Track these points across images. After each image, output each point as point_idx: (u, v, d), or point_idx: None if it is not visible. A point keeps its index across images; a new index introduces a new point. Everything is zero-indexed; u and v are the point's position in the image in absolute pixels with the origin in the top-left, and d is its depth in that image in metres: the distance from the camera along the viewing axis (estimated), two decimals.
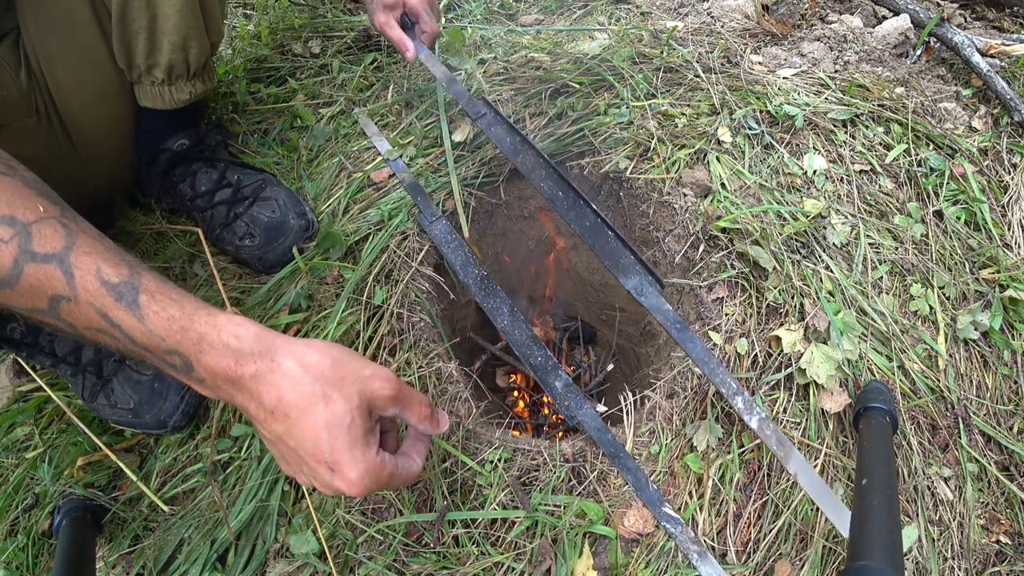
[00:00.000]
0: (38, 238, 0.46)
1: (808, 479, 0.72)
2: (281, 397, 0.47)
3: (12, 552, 0.78)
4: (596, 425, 0.83)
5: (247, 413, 0.50)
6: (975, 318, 0.94)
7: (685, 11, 1.42)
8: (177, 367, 0.48)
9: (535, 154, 0.94)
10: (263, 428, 0.50)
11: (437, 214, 0.99)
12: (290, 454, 0.50)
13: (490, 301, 0.93)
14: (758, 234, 0.95)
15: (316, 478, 0.50)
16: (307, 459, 0.48)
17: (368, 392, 0.50)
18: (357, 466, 0.48)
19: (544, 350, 0.90)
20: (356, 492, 0.49)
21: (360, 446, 0.49)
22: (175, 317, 0.47)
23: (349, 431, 0.48)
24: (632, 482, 0.79)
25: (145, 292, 0.47)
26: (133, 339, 0.47)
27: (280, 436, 0.49)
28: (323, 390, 0.47)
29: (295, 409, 0.47)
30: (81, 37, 0.79)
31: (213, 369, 0.47)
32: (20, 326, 0.82)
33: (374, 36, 1.29)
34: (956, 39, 1.28)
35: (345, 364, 0.49)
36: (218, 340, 0.47)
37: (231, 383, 0.47)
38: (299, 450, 0.48)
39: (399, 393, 0.53)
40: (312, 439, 0.47)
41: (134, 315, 0.46)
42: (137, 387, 0.82)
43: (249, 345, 0.47)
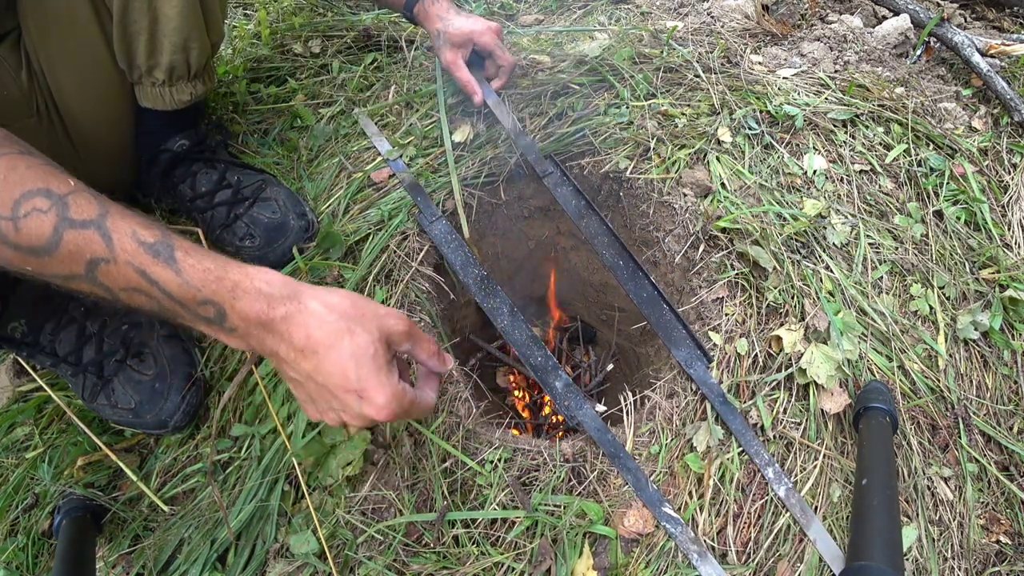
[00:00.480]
0: (74, 207, 0.48)
1: (825, 546, 0.76)
2: (310, 335, 0.51)
3: (12, 552, 0.79)
4: (596, 425, 0.83)
5: (276, 358, 0.53)
6: (975, 318, 0.94)
7: (685, 11, 1.42)
8: (210, 318, 0.51)
9: (599, 220, 0.98)
10: (292, 369, 0.53)
11: (437, 214, 0.99)
12: (318, 392, 0.54)
13: (490, 301, 0.93)
14: (758, 234, 0.95)
15: (346, 409, 0.53)
16: (336, 392, 0.52)
17: (386, 327, 0.54)
18: (384, 390, 0.52)
19: (544, 350, 0.90)
20: (384, 416, 0.53)
21: (384, 373, 0.53)
22: (210, 268, 0.50)
23: (374, 360, 0.52)
24: (632, 482, 0.79)
25: (180, 249, 0.50)
26: (170, 294, 0.50)
27: (309, 374, 0.52)
28: (347, 325, 0.52)
29: (323, 344, 0.51)
30: (82, 38, 0.79)
31: (247, 314, 0.50)
32: (21, 326, 0.83)
33: (374, 36, 1.29)
34: (956, 39, 1.28)
35: (363, 304, 0.54)
36: (251, 286, 0.51)
37: (263, 327, 0.51)
38: (328, 384, 0.52)
39: (411, 330, 0.58)
40: (340, 370, 0.51)
41: (171, 269, 0.49)
42: (138, 387, 0.82)
43: (279, 290, 0.52)
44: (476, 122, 1.10)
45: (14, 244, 0.48)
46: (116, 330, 0.85)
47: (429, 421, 0.83)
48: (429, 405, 0.61)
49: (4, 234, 0.47)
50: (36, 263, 0.49)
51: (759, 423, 0.83)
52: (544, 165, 1.03)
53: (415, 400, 0.57)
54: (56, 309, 0.84)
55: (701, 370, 0.86)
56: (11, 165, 0.48)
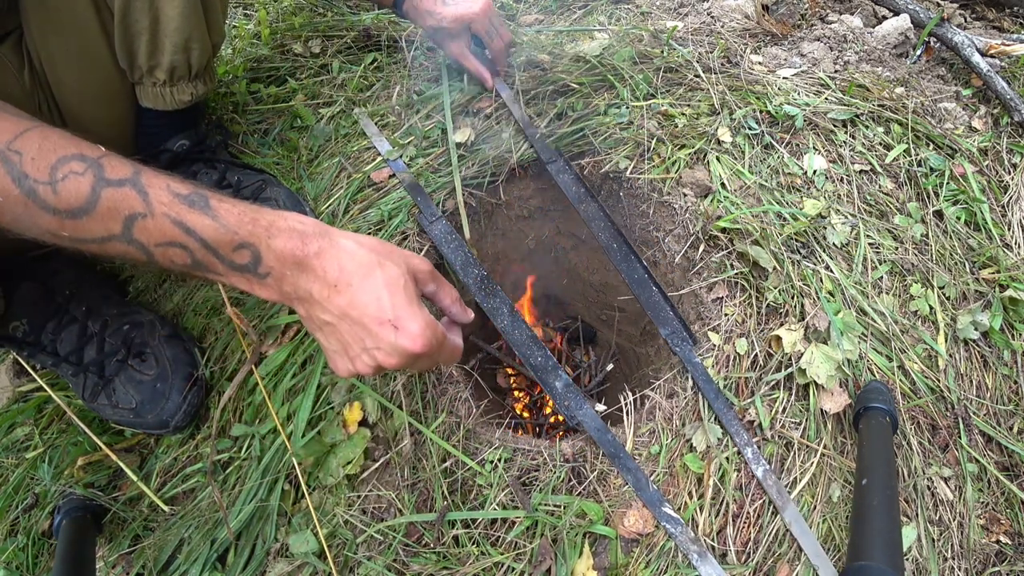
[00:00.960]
0: (109, 168, 0.49)
1: (800, 530, 0.77)
2: (343, 267, 0.53)
3: (12, 552, 0.79)
4: (596, 425, 0.83)
5: (308, 301, 0.54)
6: (975, 318, 0.94)
7: (685, 11, 1.42)
8: (245, 265, 0.52)
9: (597, 206, 1.02)
10: (325, 310, 0.54)
11: (437, 214, 0.99)
12: (351, 331, 0.54)
13: (490, 301, 0.93)
14: (758, 234, 0.95)
15: (380, 345, 0.53)
16: (371, 324, 0.53)
17: (412, 265, 0.57)
18: (417, 320, 0.53)
19: (544, 350, 0.90)
20: (420, 345, 0.53)
21: (417, 303, 0.55)
22: (245, 211, 0.52)
23: (405, 290, 0.54)
24: (632, 482, 0.79)
25: (214, 198, 0.52)
26: (206, 241, 0.50)
27: (344, 310, 0.53)
28: (377, 259, 0.54)
29: (356, 276, 0.53)
30: (83, 37, 0.79)
31: (282, 252, 0.52)
32: (23, 325, 0.83)
33: (374, 36, 1.29)
34: (956, 39, 1.28)
35: (389, 245, 0.57)
36: (285, 225, 0.53)
37: (297, 265, 0.52)
38: (363, 317, 0.53)
39: (435, 272, 0.60)
40: (375, 300, 0.52)
41: (208, 215, 0.50)
42: (139, 387, 0.82)
43: (311, 228, 0.54)
44: (477, 123, 1.10)
45: (53, 208, 0.48)
46: (117, 330, 0.85)
47: (429, 421, 0.83)
48: (457, 349, 0.62)
49: (43, 199, 0.48)
50: (74, 226, 0.49)
51: (758, 422, 0.83)
52: (549, 153, 1.07)
53: (444, 338, 0.57)
54: (58, 309, 0.85)
55: (686, 349, 0.89)
56: (43, 135, 0.49)
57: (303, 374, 0.84)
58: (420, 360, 0.56)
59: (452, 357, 0.61)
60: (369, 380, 0.84)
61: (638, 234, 1.11)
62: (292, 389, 0.83)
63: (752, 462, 0.80)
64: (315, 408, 0.81)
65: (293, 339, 0.87)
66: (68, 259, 0.91)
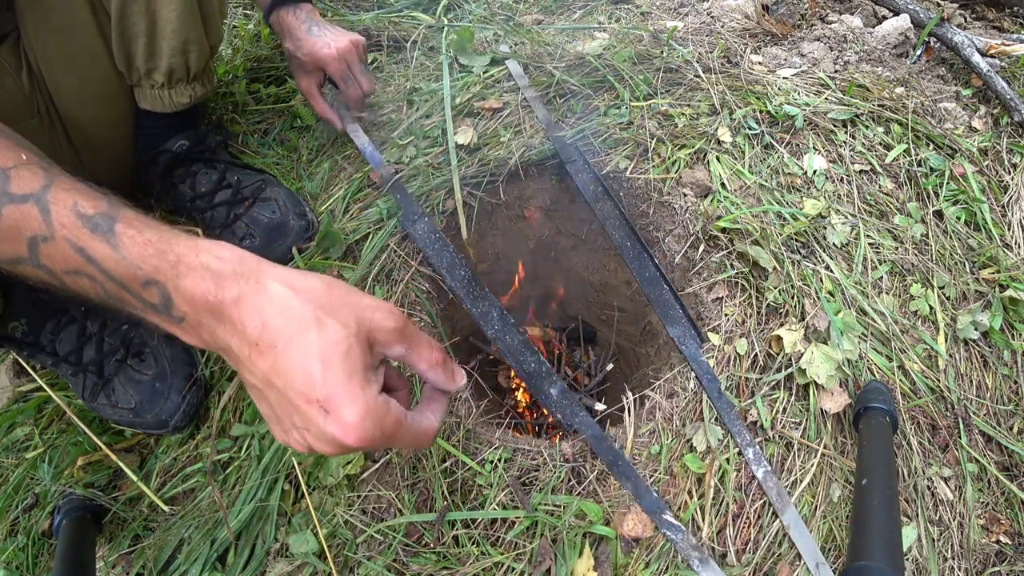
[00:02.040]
0: (16, 180, 0.43)
1: (799, 533, 0.76)
2: (266, 322, 0.40)
3: (12, 552, 0.79)
4: (594, 433, 0.83)
5: (229, 355, 0.43)
6: (975, 318, 0.94)
7: (685, 11, 1.42)
8: (157, 306, 0.43)
9: (612, 205, 1.02)
10: (248, 371, 0.43)
11: (419, 212, 0.97)
12: (279, 401, 0.42)
13: (479, 305, 0.92)
14: (758, 234, 0.95)
15: (309, 427, 0.42)
16: (297, 401, 0.41)
17: (368, 322, 0.43)
18: (356, 404, 0.40)
19: (537, 355, 0.89)
20: (355, 439, 0.41)
21: (359, 380, 0.41)
22: (151, 240, 0.42)
23: (346, 360, 0.40)
24: (632, 489, 0.78)
25: (122, 221, 0.43)
26: (109, 273, 0.42)
27: (267, 376, 0.41)
28: (315, 314, 0.41)
29: (282, 337, 0.40)
30: (81, 39, 0.79)
31: (192, 295, 0.41)
32: (22, 325, 0.83)
33: (374, 36, 1.29)
34: (956, 39, 1.28)
35: (343, 292, 0.43)
36: (197, 261, 0.41)
37: (211, 313, 0.41)
38: (288, 390, 0.41)
39: (405, 328, 0.45)
40: (302, 371, 0.40)
41: (109, 244, 0.42)
42: (138, 387, 0.82)
43: (231, 266, 0.42)
44: (479, 124, 1.10)
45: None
46: (116, 330, 0.85)
47: None
48: (424, 432, 0.48)
49: None
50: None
51: (759, 422, 0.83)
52: (569, 153, 1.07)
53: (402, 422, 0.44)
54: (57, 309, 0.84)
55: (693, 348, 0.89)
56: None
57: None
58: (366, 449, 0.43)
59: (417, 443, 0.47)
60: None
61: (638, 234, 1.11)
62: None
63: (753, 463, 0.80)
64: None
65: None
66: None
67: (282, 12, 0.96)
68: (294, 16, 0.95)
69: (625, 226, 1.01)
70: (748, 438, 0.82)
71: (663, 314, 0.93)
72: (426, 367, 0.48)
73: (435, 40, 1.25)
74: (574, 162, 1.07)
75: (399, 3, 1.40)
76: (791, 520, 0.77)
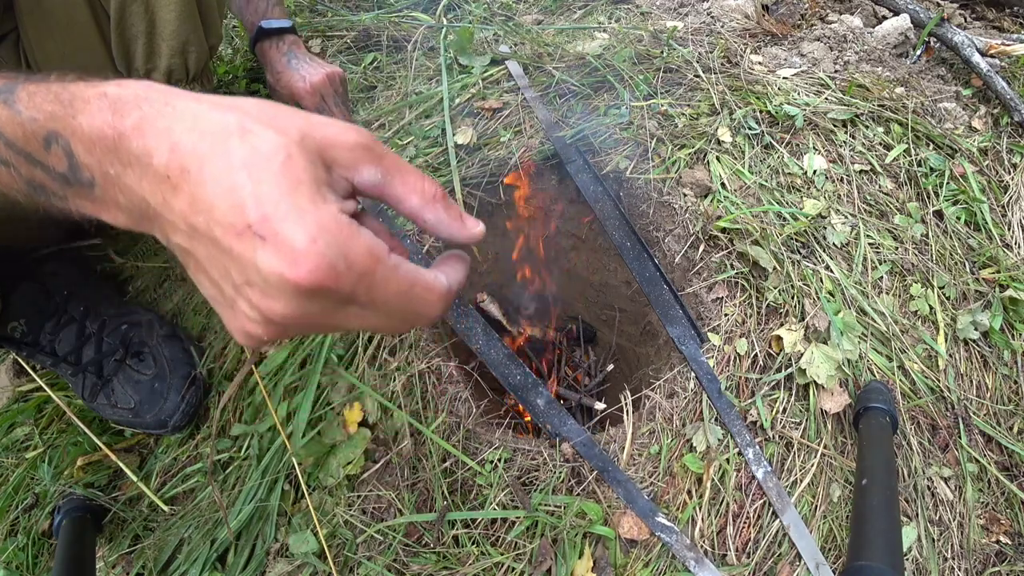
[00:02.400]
0: None
1: (798, 533, 0.77)
2: (175, 144, 0.30)
3: (12, 552, 0.79)
4: (582, 440, 0.83)
5: (146, 212, 0.32)
6: (975, 318, 0.94)
7: (685, 11, 1.42)
8: (66, 175, 0.34)
9: (613, 205, 1.03)
10: (171, 227, 0.32)
11: (401, 233, 0.98)
12: (209, 256, 0.31)
13: (463, 322, 0.92)
14: (758, 234, 0.95)
15: (248, 275, 0.30)
16: (226, 240, 0.29)
17: (318, 135, 0.32)
18: (303, 218, 0.28)
19: (523, 368, 0.89)
20: (307, 269, 0.28)
21: (308, 193, 0.29)
22: (50, 90, 0.34)
23: (285, 169, 0.29)
24: (623, 495, 0.78)
25: (27, 83, 0.35)
26: (10, 142, 0.35)
27: (187, 220, 0.30)
28: (239, 122, 0.30)
29: (195, 156, 0.29)
30: (80, 40, 0.79)
31: (89, 134, 0.32)
32: (21, 326, 0.83)
33: (374, 36, 1.29)
34: (956, 39, 1.28)
35: (283, 108, 0.33)
36: (93, 92, 0.32)
37: (113, 154, 0.31)
38: (213, 228, 0.29)
39: (374, 144, 0.34)
40: (224, 192, 0.29)
41: (7, 105, 0.34)
42: (138, 387, 0.82)
43: (133, 91, 0.32)
44: (479, 124, 1.10)
45: None
46: (115, 330, 0.85)
47: (429, 421, 0.83)
48: (427, 288, 0.33)
49: None
50: None
51: (759, 422, 0.83)
52: (569, 153, 1.08)
53: (382, 259, 0.31)
54: (56, 309, 0.85)
55: (693, 348, 0.89)
56: None
57: (302, 373, 0.84)
58: (328, 303, 0.30)
59: (414, 302, 0.33)
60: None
61: (638, 234, 1.11)
62: (292, 389, 0.83)
63: (753, 463, 0.80)
64: (315, 408, 0.81)
65: (293, 339, 0.87)
66: (67, 259, 0.91)
67: (265, 44, 0.95)
68: (276, 49, 0.94)
69: (625, 226, 1.01)
70: (748, 438, 0.82)
71: (663, 314, 0.93)
72: (418, 202, 0.35)
73: (435, 40, 1.25)
74: (574, 162, 1.07)
75: (399, 3, 1.40)
76: (791, 520, 0.77)
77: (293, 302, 0.29)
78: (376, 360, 0.87)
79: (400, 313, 0.33)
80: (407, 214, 0.35)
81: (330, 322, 0.32)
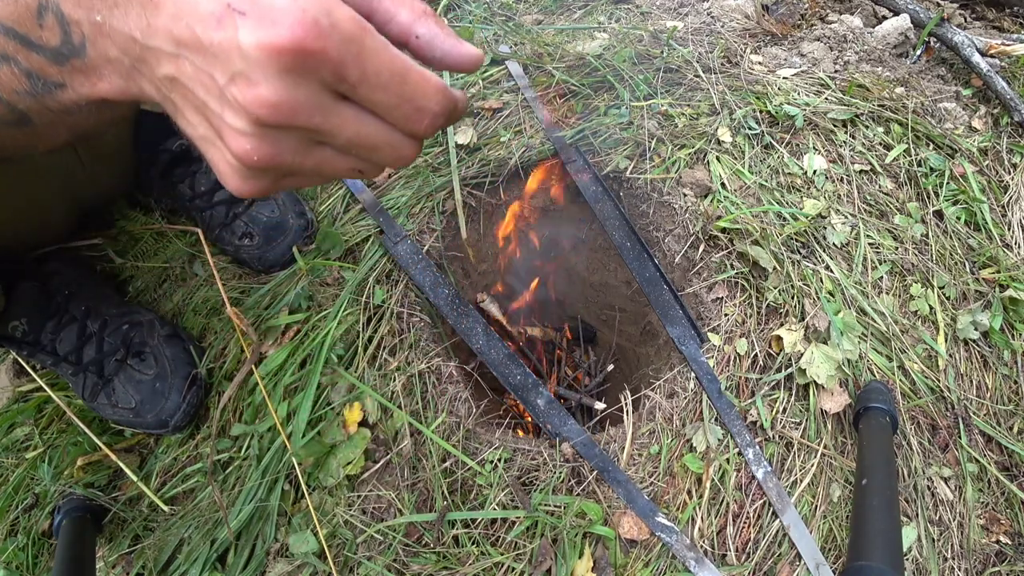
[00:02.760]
0: None
1: (798, 533, 0.77)
2: None
3: (12, 552, 0.79)
4: (583, 440, 0.83)
5: (135, 51, 0.32)
6: (975, 318, 0.94)
7: (685, 11, 1.42)
8: (61, 49, 0.34)
9: (613, 205, 1.04)
10: (158, 54, 0.31)
11: (401, 234, 0.98)
12: (194, 71, 0.30)
13: (464, 322, 0.92)
14: (758, 234, 0.95)
15: (231, 64, 0.28)
16: (208, 33, 0.28)
17: None
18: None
19: (523, 368, 0.89)
20: (288, 29, 0.27)
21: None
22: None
23: None
24: (623, 495, 0.79)
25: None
26: (6, 26, 0.34)
27: (170, 33, 0.30)
28: None
29: None
30: None
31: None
32: (22, 325, 0.83)
33: None
34: (956, 39, 1.28)
35: None
36: None
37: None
38: (194, 28, 0.28)
39: None
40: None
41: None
42: (139, 386, 0.82)
43: None
44: (479, 124, 1.10)
45: None
46: (117, 329, 0.85)
47: (429, 421, 0.83)
48: (423, 77, 0.31)
49: None
50: None
51: (759, 422, 0.83)
52: (569, 153, 1.08)
53: (369, 30, 0.29)
54: (57, 308, 0.84)
55: (693, 348, 0.89)
56: None
57: (302, 373, 0.84)
58: (317, 85, 0.29)
59: (407, 84, 0.30)
60: None
61: (638, 234, 1.11)
62: (292, 389, 0.83)
63: (753, 463, 0.80)
64: (315, 408, 0.81)
65: (293, 339, 0.87)
66: (68, 259, 0.91)
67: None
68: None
69: (625, 226, 1.01)
70: (748, 438, 0.82)
71: (663, 314, 0.93)
72: (409, 15, 0.33)
73: None
74: (574, 162, 1.07)
75: None
76: (791, 520, 0.77)
77: (279, 80, 0.28)
78: (376, 360, 0.87)
79: (397, 103, 0.31)
80: (397, 32, 0.33)
81: (324, 123, 0.30)
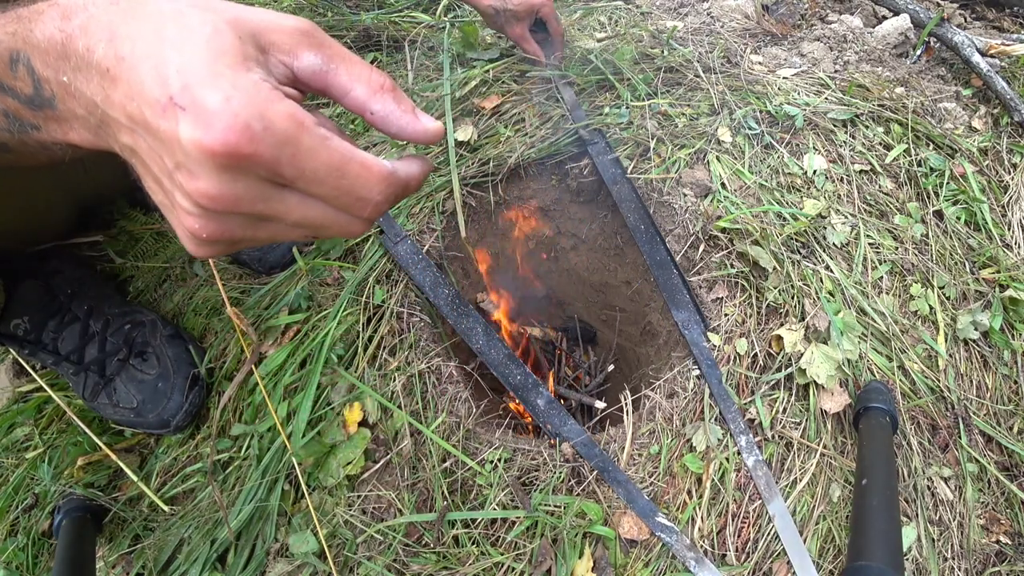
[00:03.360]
0: None
1: (783, 523, 0.77)
2: (113, 34, 0.30)
3: (12, 552, 0.79)
4: (582, 440, 0.83)
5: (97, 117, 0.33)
6: (975, 318, 0.94)
7: (685, 11, 1.42)
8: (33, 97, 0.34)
9: (630, 188, 1.04)
10: (116, 125, 0.32)
11: (401, 234, 0.98)
12: (148, 148, 0.31)
13: (464, 322, 0.92)
14: (758, 234, 0.95)
15: (175, 153, 0.29)
16: (155, 120, 0.29)
17: (254, 17, 0.32)
18: (219, 82, 0.28)
19: (523, 368, 0.89)
20: (221, 132, 0.27)
21: (228, 61, 0.29)
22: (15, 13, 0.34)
23: (209, 42, 0.29)
24: (623, 495, 0.79)
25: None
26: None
27: (126, 109, 0.30)
28: (174, 7, 0.30)
29: (129, 41, 0.29)
30: None
31: (43, 44, 0.32)
32: (24, 323, 0.83)
33: (374, 36, 1.29)
34: (956, 39, 1.28)
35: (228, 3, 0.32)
36: (47, 4, 0.33)
37: (65, 60, 0.32)
38: (144, 110, 0.29)
39: (315, 32, 0.34)
40: (151, 68, 0.28)
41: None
42: (141, 386, 0.82)
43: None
44: (479, 122, 1.10)
45: None
46: (119, 329, 0.86)
47: (429, 420, 0.83)
48: (366, 167, 0.32)
49: None
50: None
51: (758, 422, 0.83)
52: (592, 135, 1.09)
53: (307, 126, 0.29)
54: (59, 307, 0.85)
55: (696, 333, 0.90)
56: None
57: (302, 373, 0.84)
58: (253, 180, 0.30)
59: (346, 177, 0.31)
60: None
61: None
62: (292, 389, 0.84)
63: (744, 451, 0.81)
64: (315, 408, 0.81)
65: (293, 339, 0.87)
66: (70, 258, 0.91)
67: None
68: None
69: (640, 209, 1.02)
70: (742, 425, 0.83)
71: (670, 298, 0.94)
72: (366, 91, 0.33)
73: (435, 39, 1.25)
74: (596, 144, 1.08)
75: (399, 3, 1.40)
76: (777, 510, 0.78)
77: (216, 177, 0.29)
78: (376, 360, 0.87)
79: (336, 195, 0.31)
80: (353, 107, 0.34)
81: (267, 209, 0.31)
